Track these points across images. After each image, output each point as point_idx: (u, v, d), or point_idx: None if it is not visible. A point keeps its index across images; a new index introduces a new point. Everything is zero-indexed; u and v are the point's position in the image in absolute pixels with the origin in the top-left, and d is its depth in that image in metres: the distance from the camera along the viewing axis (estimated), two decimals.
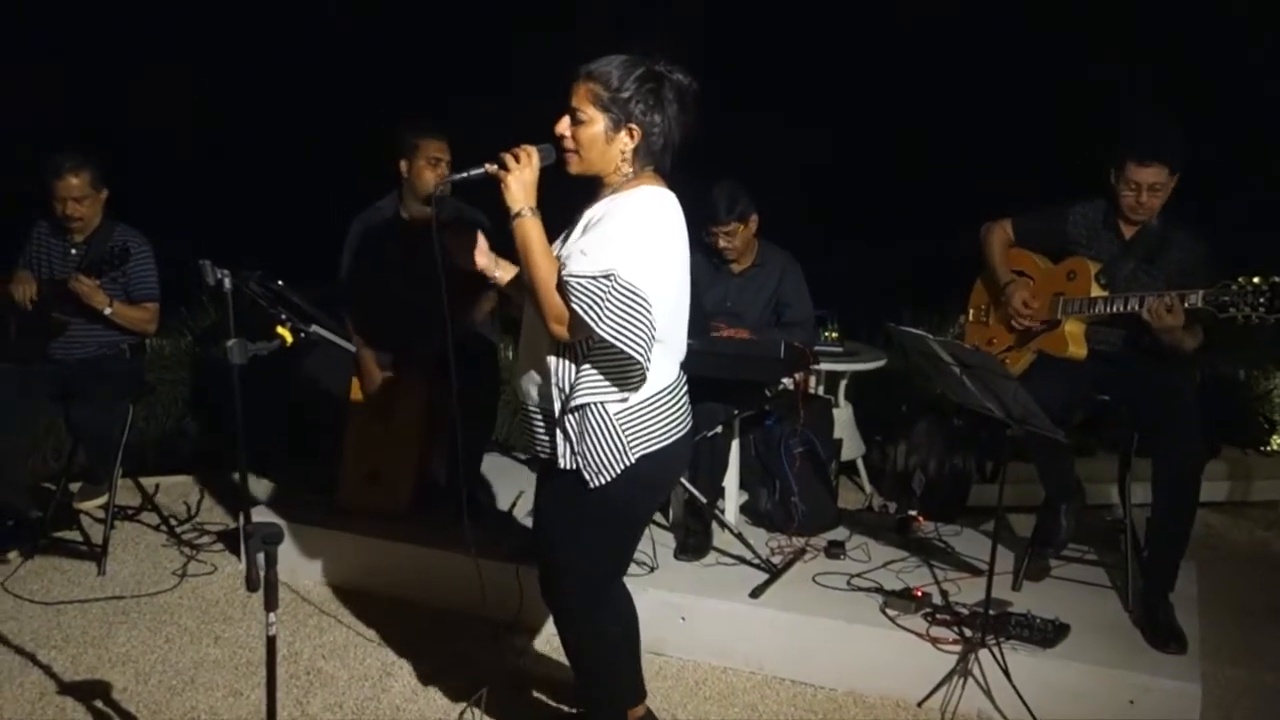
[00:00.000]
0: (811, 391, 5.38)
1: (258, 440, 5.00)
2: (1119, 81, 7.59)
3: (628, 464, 2.57)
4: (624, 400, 2.57)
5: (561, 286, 2.48)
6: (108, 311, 4.21)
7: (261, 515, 4.24)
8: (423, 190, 4.20)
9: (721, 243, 4.30)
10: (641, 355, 2.47)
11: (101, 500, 4.35)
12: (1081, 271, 3.73)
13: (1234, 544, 5.13)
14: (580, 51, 2.57)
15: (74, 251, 4.33)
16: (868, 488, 5.48)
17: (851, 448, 5.46)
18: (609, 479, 2.57)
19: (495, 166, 2.55)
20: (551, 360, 2.60)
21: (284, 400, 4.81)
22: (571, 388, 2.58)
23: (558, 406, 2.61)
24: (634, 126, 2.54)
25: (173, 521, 4.67)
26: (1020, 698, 3.22)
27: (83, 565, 4.31)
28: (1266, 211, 7.12)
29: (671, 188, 2.64)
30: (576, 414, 2.58)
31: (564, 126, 2.57)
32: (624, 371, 2.56)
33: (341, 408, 4.40)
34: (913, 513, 4.54)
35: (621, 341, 2.45)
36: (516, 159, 2.53)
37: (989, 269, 4.01)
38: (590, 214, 2.59)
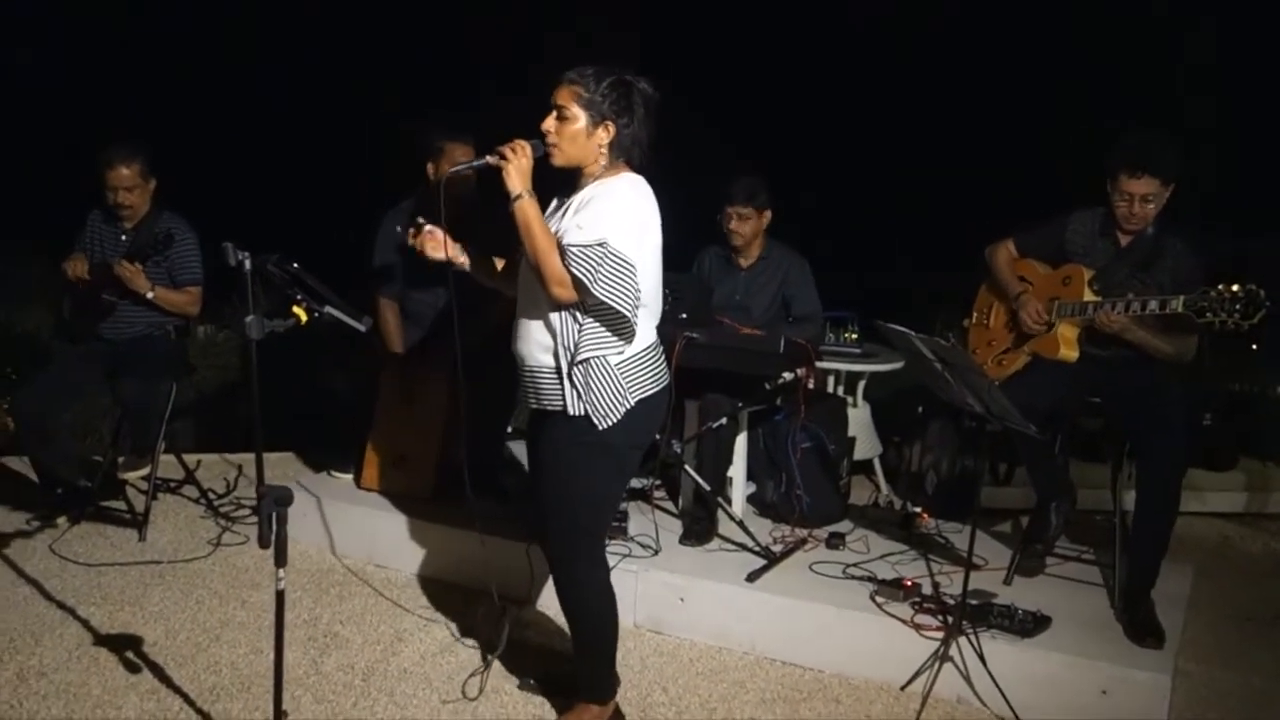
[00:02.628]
0: (829, 390, 5.53)
1: (291, 422, 5.32)
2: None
3: (629, 406, 2.92)
4: (620, 353, 2.93)
5: (562, 255, 2.83)
6: (150, 296, 4.48)
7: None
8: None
9: (733, 224, 4.51)
10: (629, 312, 2.85)
11: (144, 471, 4.62)
12: (1076, 277, 3.85)
13: (1246, 553, 5.18)
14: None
15: (124, 238, 4.61)
16: (883, 486, 5.60)
17: (867, 447, 5.58)
18: (614, 421, 2.92)
19: (495, 159, 2.90)
20: (556, 323, 2.94)
21: (316, 385, 5.06)
22: (576, 345, 2.91)
23: (565, 362, 2.93)
24: (609, 123, 2.90)
25: (211, 495, 4.94)
26: (995, 684, 3.35)
27: (124, 532, 4.59)
28: None
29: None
30: (582, 367, 2.91)
31: (550, 124, 2.92)
32: (617, 329, 2.91)
33: (370, 393, 4.64)
34: (917, 509, 4.66)
35: (613, 300, 2.82)
36: (514, 151, 2.89)
37: (998, 282, 4.15)
38: (579, 197, 2.94)
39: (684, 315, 4.08)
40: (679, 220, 3.86)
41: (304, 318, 3.06)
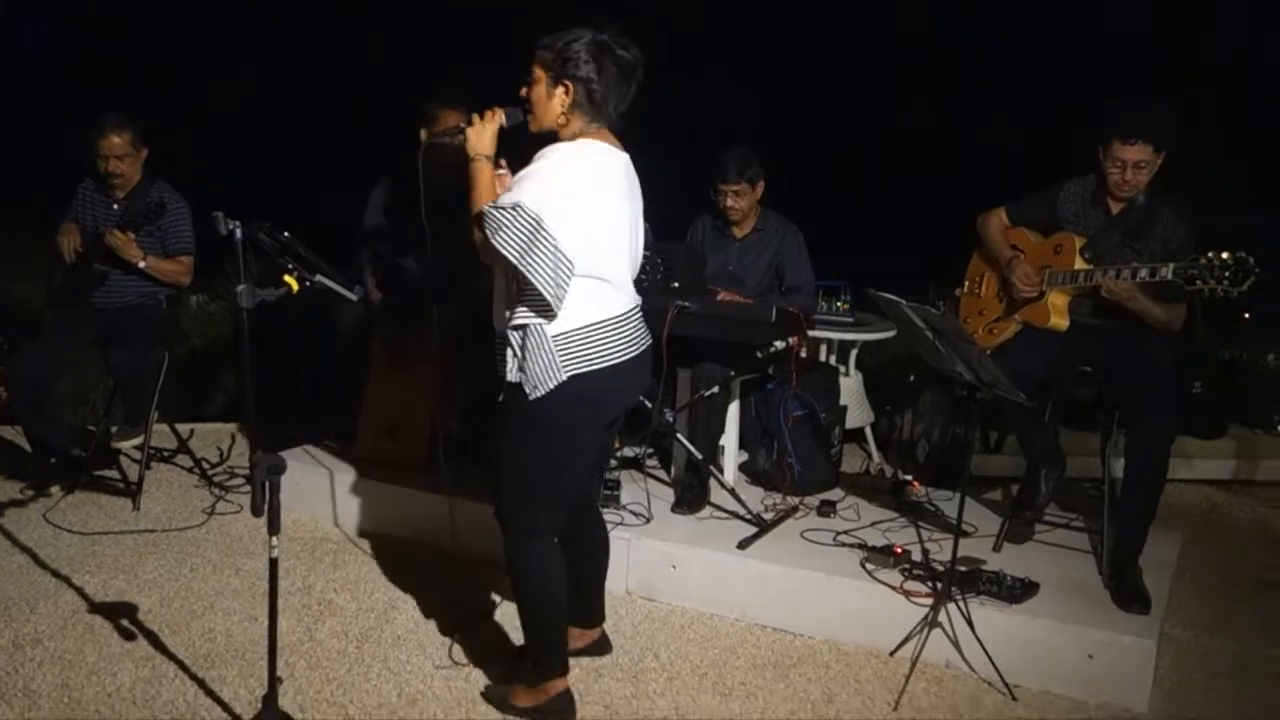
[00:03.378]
0: (821, 359, 5.55)
1: (283, 392, 5.32)
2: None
3: (560, 380, 2.85)
4: (560, 324, 2.85)
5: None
6: (142, 265, 4.48)
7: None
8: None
9: (728, 202, 4.50)
10: (537, 278, 2.76)
11: (138, 440, 4.63)
12: (1067, 245, 3.86)
13: (1234, 520, 5.22)
14: None
15: (115, 207, 4.60)
16: (875, 454, 5.63)
17: (859, 415, 5.61)
18: (544, 393, 2.86)
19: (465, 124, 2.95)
20: (501, 286, 2.97)
21: (307, 354, 5.06)
22: (514, 309, 2.90)
23: (508, 326, 2.93)
24: (568, 83, 2.86)
25: (205, 464, 4.96)
26: (984, 649, 3.38)
27: (119, 501, 4.62)
28: None
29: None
30: (520, 332, 2.89)
31: (524, 90, 2.93)
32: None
33: (362, 361, 4.65)
34: (908, 477, 4.69)
35: (523, 266, 2.76)
36: (482, 116, 2.94)
37: (989, 250, 4.16)
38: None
39: (676, 284, 4.08)
40: (672, 190, 3.87)
41: (295, 286, 3.07)
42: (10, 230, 7.58)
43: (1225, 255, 3.32)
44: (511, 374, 2.92)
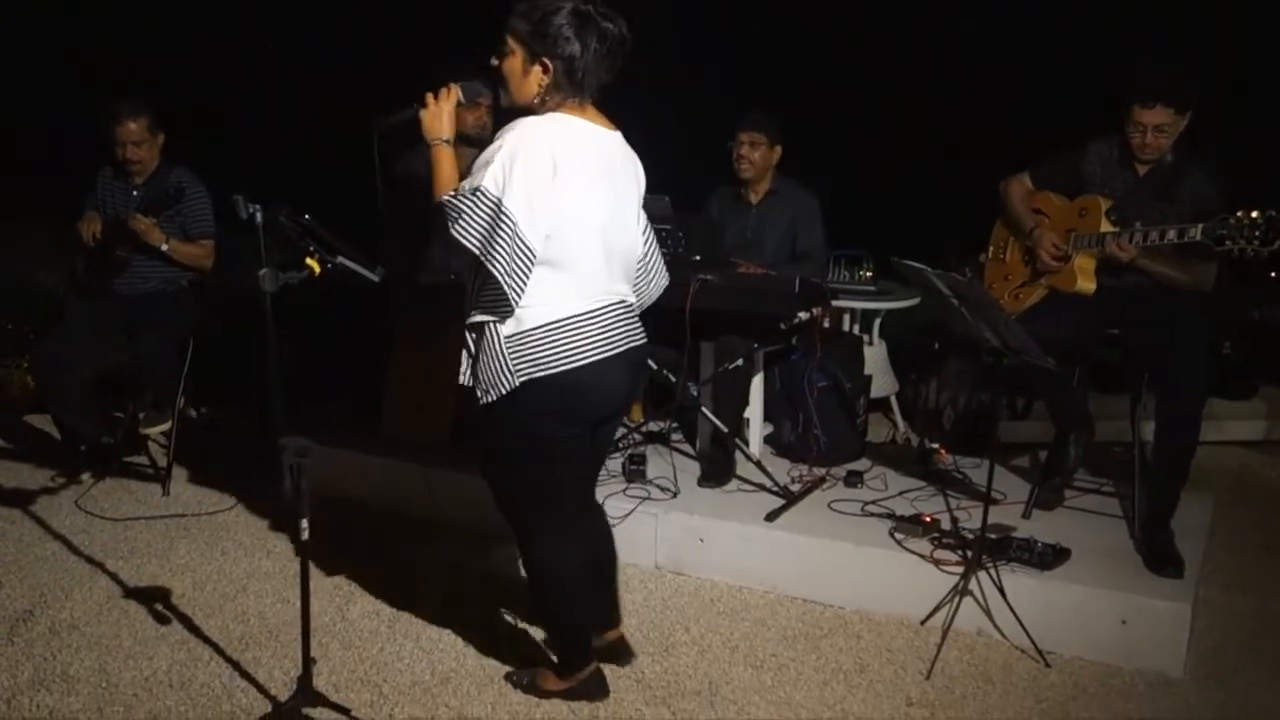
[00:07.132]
0: (845, 329, 5.52)
1: (308, 373, 5.33)
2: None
3: (511, 386, 2.66)
4: (515, 323, 2.66)
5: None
6: (164, 248, 4.49)
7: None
8: (459, 130, 4.42)
9: (743, 150, 4.48)
10: (495, 267, 2.57)
11: (165, 426, 4.65)
12: (1093, 208, 3.81)
13: (1266, 481, 5.18)
14: None
15: (135, 193, 4.62)
16: (900, 424, 5.60)
17: (884, 385, 5.58)
18: (494, 399, 2.70)
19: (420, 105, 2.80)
20: (468, 282, 2.78)
21: (331, 335, 5.07)
22: (472, 306, 2.73)
23: (465, 325, 2.78)
24: (547, 60, 2.63)
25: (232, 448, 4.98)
26: (1015, 615, 3.37)
27: (148, 487, 4.65)
28: None
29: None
30: (474, 331, 2.73)
31: (495, 60, 2.71)
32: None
33: (385, 342, 4.66)
34: (935, 445, 4.67)
35: (484, 256, 2.57)
36: (436, 96, 2.78)
37: (1011, 216, 4.12)
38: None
39: (697, 258, 4.07)
40: (689, 161, 3.83)
41: (317, 269, 3.06)
42: (33, 220, 7.60)
43: (1255, 214, 3.27)
44: (464, 377, 2.76)
